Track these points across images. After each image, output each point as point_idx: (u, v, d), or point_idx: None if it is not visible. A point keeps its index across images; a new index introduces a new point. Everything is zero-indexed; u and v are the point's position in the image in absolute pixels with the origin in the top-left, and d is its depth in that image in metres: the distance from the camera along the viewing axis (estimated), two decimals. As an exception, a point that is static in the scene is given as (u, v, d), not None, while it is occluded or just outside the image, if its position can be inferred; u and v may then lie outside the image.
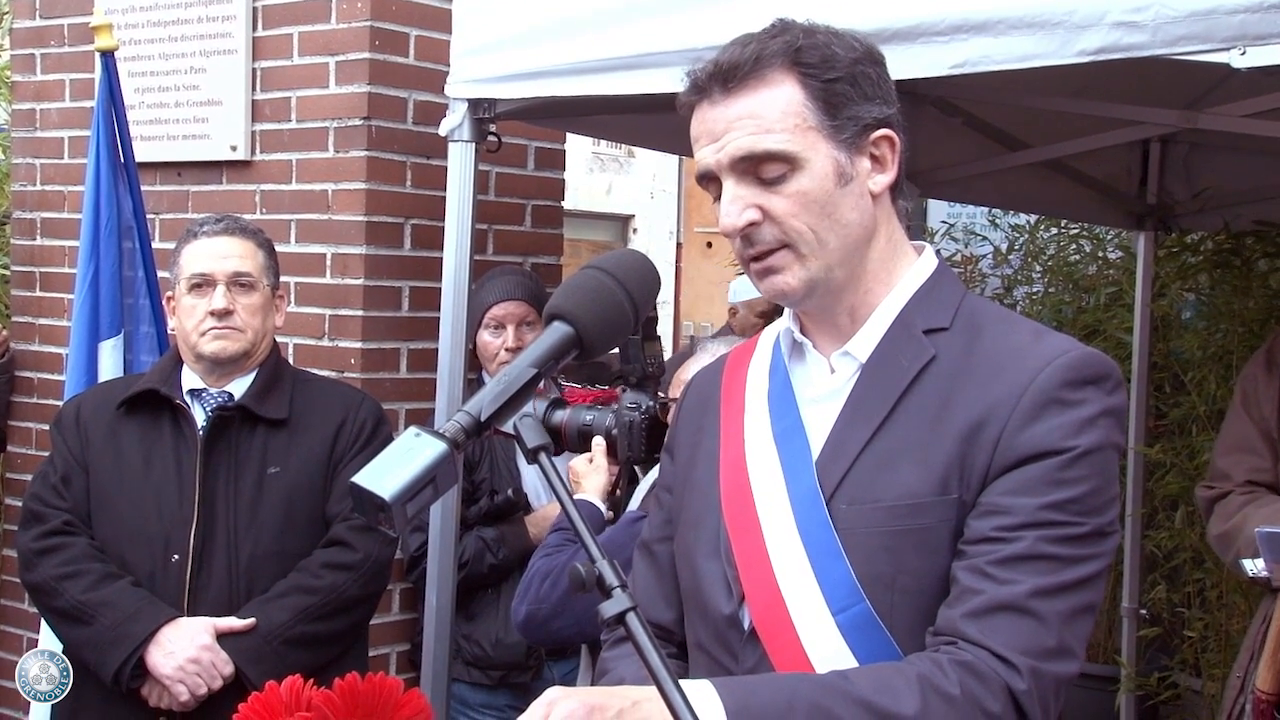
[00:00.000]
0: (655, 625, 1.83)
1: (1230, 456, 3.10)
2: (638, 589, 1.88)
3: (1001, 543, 1.51)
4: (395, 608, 3.75)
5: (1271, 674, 2.85)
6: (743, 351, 1.84)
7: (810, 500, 1.62)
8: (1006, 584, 1.50)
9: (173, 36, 4.01)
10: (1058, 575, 1.51)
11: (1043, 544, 1.51)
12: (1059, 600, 1.50)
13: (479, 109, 3.16)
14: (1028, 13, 2.28)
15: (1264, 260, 5.37)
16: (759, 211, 1.60)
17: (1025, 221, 6.77)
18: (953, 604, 1.53)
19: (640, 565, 1.89)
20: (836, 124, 1.60)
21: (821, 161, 1.59)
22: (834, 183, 1.60)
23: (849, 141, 1.61)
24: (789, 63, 1.59)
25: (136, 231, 3.57)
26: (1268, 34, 2.06)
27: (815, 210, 1.60)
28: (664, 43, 2.72)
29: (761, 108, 1.59)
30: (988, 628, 1.49)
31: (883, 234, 1.67)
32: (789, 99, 1.59)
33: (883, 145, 1.64)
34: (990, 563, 1.51)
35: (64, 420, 2.97)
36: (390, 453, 1.35)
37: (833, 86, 1.59)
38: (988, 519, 1.53)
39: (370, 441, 2.93)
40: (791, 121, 1.58)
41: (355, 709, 1.48)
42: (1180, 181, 5.05)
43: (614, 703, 1.41)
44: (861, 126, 1.61)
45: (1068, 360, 1.57)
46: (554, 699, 1.41)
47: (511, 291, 3.53)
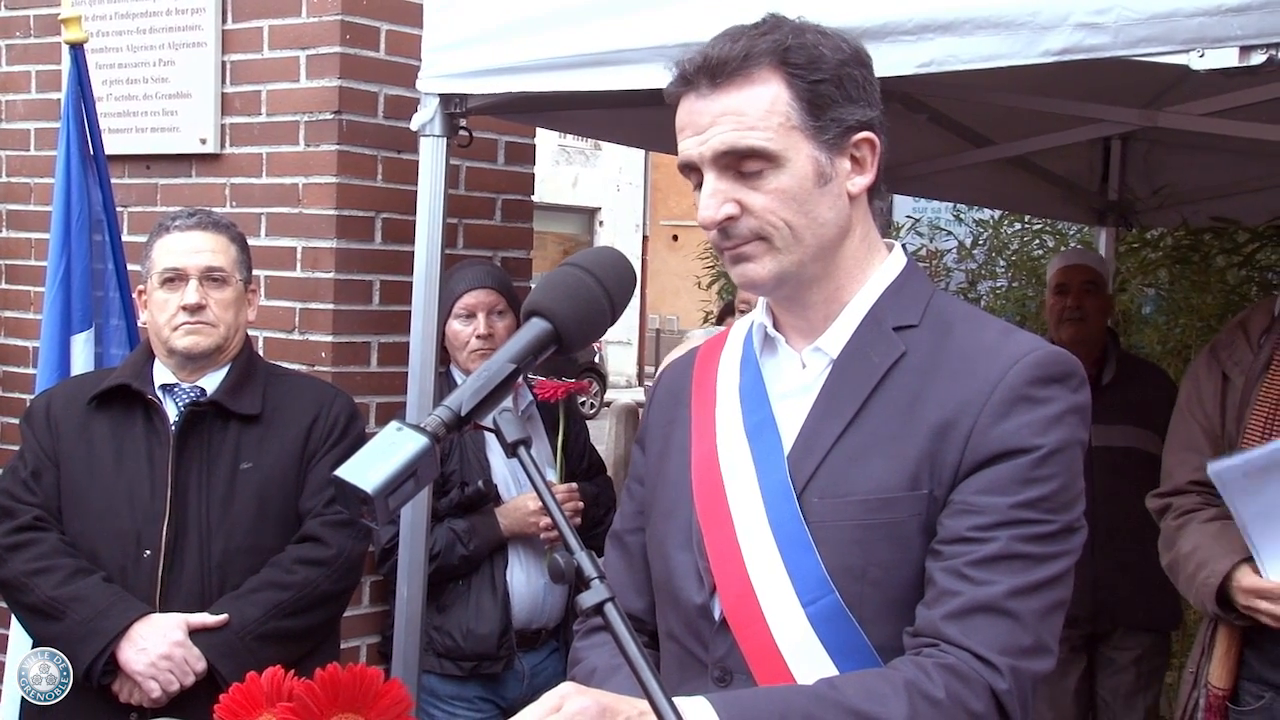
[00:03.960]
0: (627, 615, 1.87)
1: (1175, 456, 3.10)
2: (612, 579, 1.92)
3: (976, 543, 1.55)
4: (366, 600, 3.77)
5: (1225, 670, 2.88)
6: (714, 344, 1.87)
7: (781, 493, 1.65)
8: (984, 585, 1.53)
9: (141, 29, 3.99)
10: (1031, 574, 1.55)
11: (1016, 543, 1.55)
12: (1034, 599, 1.55)
13: (450, 104, 3.17)
14: (994, 14, 2.32)
15: (1221, 256, 5.46)
16: (737, 206, 1.63)
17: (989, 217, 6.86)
18: (932, 605, 1.56)
19: (612, 555, 1.92)
20: (819, 125, 1.62)
21: (802, 161, 1.62)
22: (813, 182, 1.63)
23: (830, 142, 1.63)
24: (776, 62, 1.61)
25: (106, 224, 3.56)
26: (1225, 37, 2.10)
27: (793, 208, 1.62)
28: (633, 39, 2.75)
29: (746, 105, 1.61)
30: (968, 629, 1.52)
31: (857, 233, 1.70)
32: (774, 98, 1.61)
33: (863, 147, 1.67)
34: (967, 564, 1.54)
35: (34, 414, 2.95)
36: (372, 447, 1.37)
37: (818, 88, 1.62)
38: (961, 518, 1.57)
39: (343, 437, 2.93)
40: (775, 120, 1.61)
41: (336, 699, 1.49)
42: (1141, 178, 5.13)
43: (625, 709, 1.44)
44: (844, 128, 1.64)
45: (1035, 358, 1.60)
46: (567, 693, 1.43)
47: (482, 280, 3.55)
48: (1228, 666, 2.89)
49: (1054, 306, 4.43)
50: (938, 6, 2.36)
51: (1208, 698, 2.91)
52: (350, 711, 1.50)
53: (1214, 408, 3.00)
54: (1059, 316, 4.39)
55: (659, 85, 2.73)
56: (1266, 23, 2.07)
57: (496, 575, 3.47)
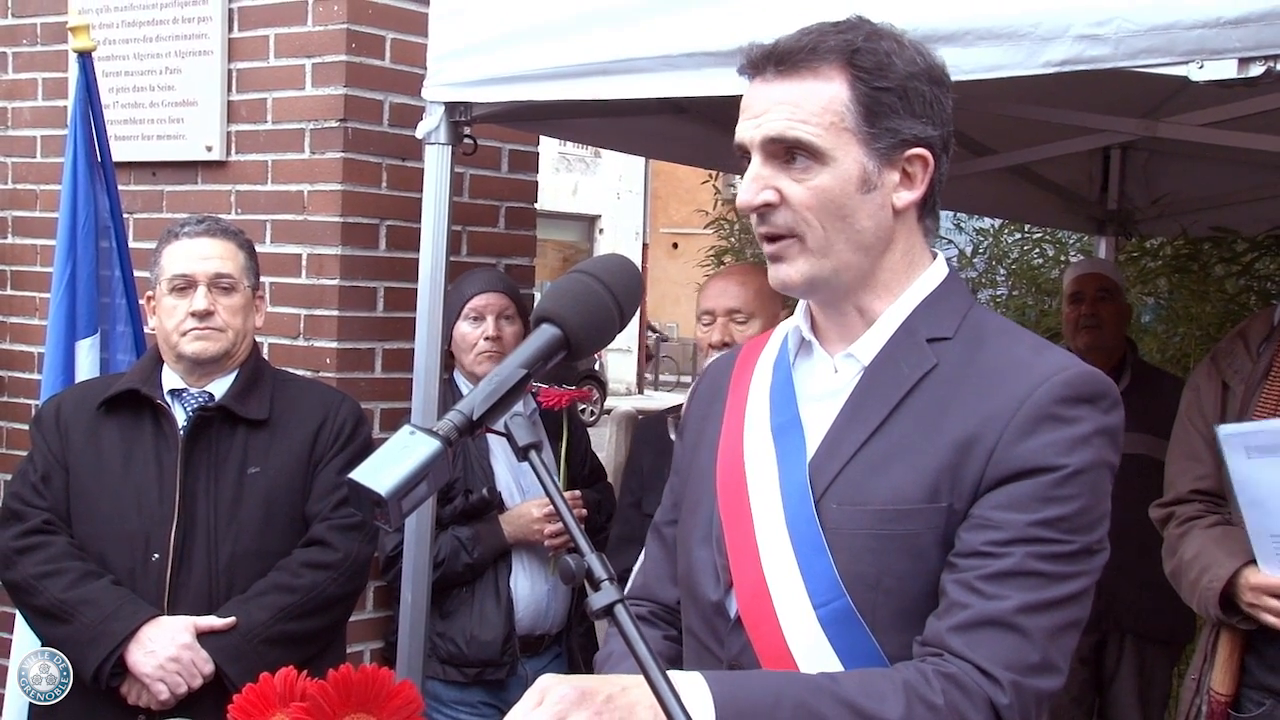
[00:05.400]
0: (662, 605, 1.89)
1: (1177, 464, 3.10)
2: (648, 568, 1.93)
3: (991, 558, 1.54)
4: (370, 605, 3.78)
5: (1228, 676, 2.88)
6: (756, 343, 1.88)
7: (800, 496, 1.65)
8: (994, 599, 1.52)
9: (148, 37, 4.02)
10: (1045, 592, 1.53)
11: (1031, 560, 1.53)
12: (1045, 616, 1.53)
13: (455, 112, 3.20)
14: (996, 24, 2.34)
15: (1220, 265, 5.49)
16: (776, 194, 1.63)
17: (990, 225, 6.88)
18: (941, 616, 1.56)
19: (651, 546, 1.94)
20: (873, 131, 1.61)
21: (848, 164, 1.62)
22: (855, 187, 1.62)
23: (882, 151, 1.62)
24: (843, 61, 1.61)
25: (113, 231, 3.58)
26: (1224, 49, 2.12)
27: (830, 209, 1.62)
28: (637, 48, 2.77)
29: (804, 97, 1.61)
30: (973, 642, 1.51)
31: (899, 248, 1.69)
32: (833, 96, 1.60)
33: (915, 163, 1.65)
34: (979, 577, 1.53)
35: (44, 419, 2.97)
36: (386, 450, 1.38)
37: (879, 95, 1.61)
38: (978, 533, 1.56)
39: (350, 442, 2.96)
40: (828, 119, 1.60)
41: (348, 699, 1.51)
42: (1140, 188, 5.15)
43: (604, 688, 1.45)
44: (898, 140, 1.62)
45: (1065, 377, 1.58)
46: (547, 685, 1.45)
47: (492, 284, 3.58)
48: (1230, 672, 2.88)
49: (1069, 315, 4.45)
50: (940, 17, 2.38)
51: (1210, 704, 2.91)
52: (362, 711, 1.51)
53: (1215, 416, 3.00)
54: (1075, 324, 4.41)
55: (667, 94, 2.79)
56: (1264, 35, 2.09)
57: (500, 582, 3.48)
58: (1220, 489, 3.00)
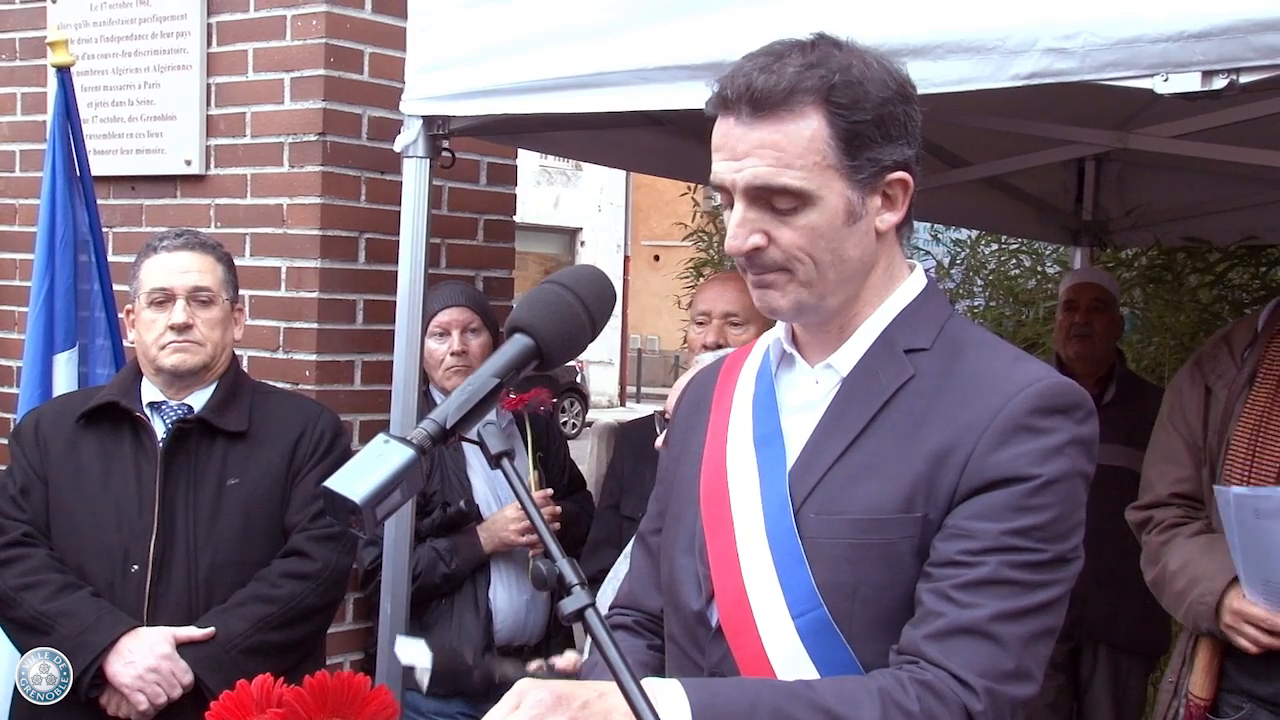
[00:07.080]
0: (648, 614, 1.91)
1: (1156, 468, 3.11)
2: (634, 577, 1.96)
3: (965, 567, 1.55)
4: (349, 617, 3.79)
5: (1207, 680, 2.89)
6: (740, 354, 1.91)
7: (780, 507, 1.67)
8: (968, 608, 1.54)
9: (127, 51, 4.03)
10: (1019, 600, 1.55)
11: (1005, 569, 1.55)
12: (1019, 624, 1.55)
13: (433, 125, 3.22)
14: (964, 38, 2.37)
15: (1194, 275, 5.54)
16: (765, 237, 1.64)
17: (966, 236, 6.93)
18: (916, 625, 1.57)
19: (637, 554, 1.97)
20: (855, 164, 1.62)
21: (834, 200, 1.63)
22: (843, 220, 1.64)
23: (864, 181, 1.64)
24: (820, 99, 1.60)
25: (92, 245, 3.59)
26: (1187, 62, 2.15)
27: (820, 245, 1.64)
28: (615, 61, 2.79)
29: (785, 141, 1.60)
30: (948, 649, 1.53)
31: (881, 265, 1.72)
32: (812, 135, 1.60)
33: (896, 186, 1.67)
34: (954, 586, 1.55)
35: (23, 432, 2.98)
36: (360, 458, 1.40)
37: (858, 128, 1.61)
38: (953, 542, 1.58)
39: (329, 453, 2.97)
40: (811, 159, 1.61)
41: (325, 705, 1.53)
42: (1114, 199, 5.20)
43: (581, 693, 1.46)
44: (879, 168, 1.64)
45: (1039, 389, 1.60)
46: (524, 689, 1.46)
47: (455, 299, 3.59)
48: (1209, 677, 2.89)
49: (1062, 322, 4.49)
50: (909, 31, 2.41)
51: (1188, 708, 2.92)
52: (338, 717, 1.53)
53: (1196, 420, 3.01)
54: (1066, 332, 4.45)
55: (640, 107, 2.82)
56: (1227, 49, 2.12)
57: (479, 593, 3.49)
58: (1200, 492, 3.02)
